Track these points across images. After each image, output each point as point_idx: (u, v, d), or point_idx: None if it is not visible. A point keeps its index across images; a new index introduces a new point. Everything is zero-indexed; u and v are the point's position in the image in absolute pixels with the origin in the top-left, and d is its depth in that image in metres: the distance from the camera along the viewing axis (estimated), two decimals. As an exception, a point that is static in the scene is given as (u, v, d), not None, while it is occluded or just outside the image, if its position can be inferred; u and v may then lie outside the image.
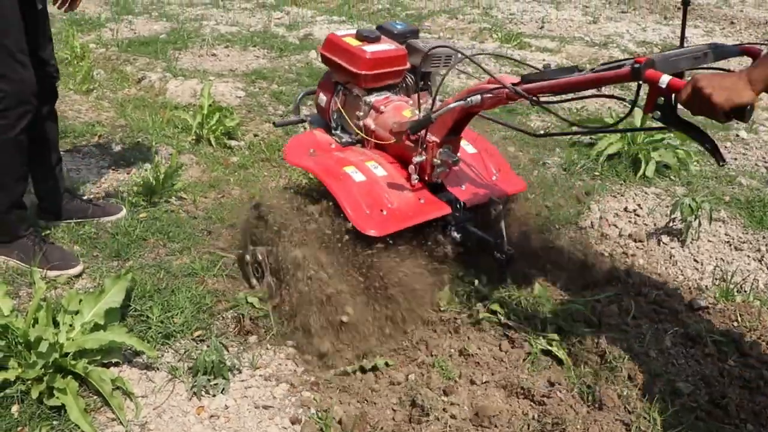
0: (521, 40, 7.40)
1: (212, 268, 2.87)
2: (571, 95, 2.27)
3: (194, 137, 4.29)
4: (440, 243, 2.66)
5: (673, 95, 1.88)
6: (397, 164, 2.75)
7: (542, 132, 4.58)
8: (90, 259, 2.95)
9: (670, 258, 3.18)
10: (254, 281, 2.77)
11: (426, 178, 2.66)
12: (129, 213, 3.30)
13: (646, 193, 3.76)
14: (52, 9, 2.88)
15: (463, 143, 2.85)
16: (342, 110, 2.98)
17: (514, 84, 2.30)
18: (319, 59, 3.30)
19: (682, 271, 3.09)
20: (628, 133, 4.06)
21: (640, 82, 1.95)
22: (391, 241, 2.52)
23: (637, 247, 3.24)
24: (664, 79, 1.87)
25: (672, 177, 4.00)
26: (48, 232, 3.09)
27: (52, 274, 2.77)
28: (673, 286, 2.94)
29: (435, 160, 2.60)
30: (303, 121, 3.23)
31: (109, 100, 5.06)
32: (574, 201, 3.63)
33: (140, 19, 7.95)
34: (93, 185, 3.65)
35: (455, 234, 2.68)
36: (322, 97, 3.05)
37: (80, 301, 2.38)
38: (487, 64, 6.27)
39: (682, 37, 2.07)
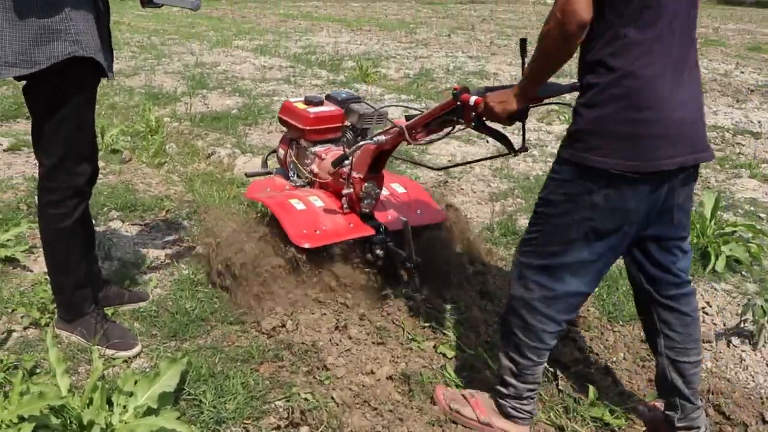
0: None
1: (266, 353, 2.86)
2: (441, 134, 2.83)
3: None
4: (367, 257, 3.31)
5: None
6: (335, 198, 3.39)
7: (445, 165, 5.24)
8: (149, 337, 2.98)
9: (741, 362, 3.03)
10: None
11: (357, 209, 3.29)
12: (189, 291, 3.34)
13: (715, 289, 3.63)
14: (132, 82, 2.98)
15: (395, 185, 3.59)
16: (295, 160, 3.72)
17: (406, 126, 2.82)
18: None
19: (753, 377, 2.94)
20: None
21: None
22: (324, 254, 3.19)
23: (705, 349, 3.10)
24: (472, 99, 2.47)
25: (743, 273, 3.85)
26: (111, 310, 3.15)
27: (110, 352, 2.81)
28: (743, 394, 2.79)
29: (361, 192, 3.21)
30: (270, 173, 3.96)
31: (179, 174, 5.20)
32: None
33: (214, 93, 8.23)
34: (157, 260, 3.72)
35: (378, 251, 3.28)
36: (281, 151, 3.84)
37: (135, 382, 2.38)
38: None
39: (523, 69, 2.26)
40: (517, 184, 5.19)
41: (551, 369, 2.80)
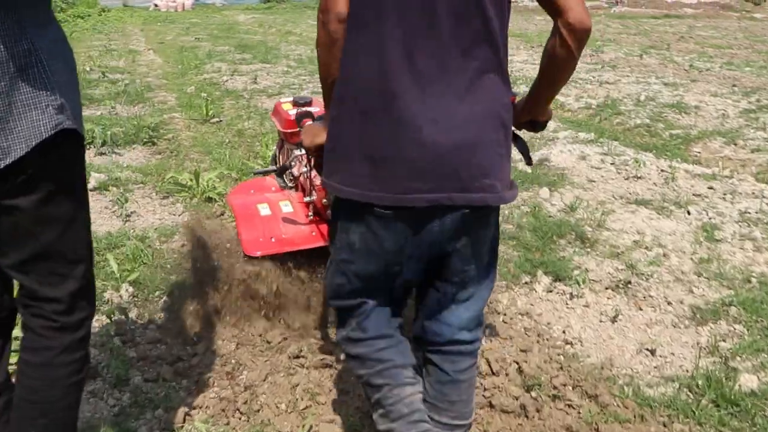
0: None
1: None
2: None
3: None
4: None
5: None
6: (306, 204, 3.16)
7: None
8: None
9: None
10: None
11: (324, 216, 3.05)
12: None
13: None
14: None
15: None
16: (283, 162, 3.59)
17: None
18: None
19: None
20: None
21: None
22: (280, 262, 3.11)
23: None
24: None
25: None
26: None
27: None
28: None
29: (324, 200, 2.97)
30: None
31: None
32: None
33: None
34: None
35: None
36: (275, 151, 3.79)
37: None
38: None
39: None
40: (734, 291, 3.66)
41: None
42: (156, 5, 26.36)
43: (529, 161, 2.15)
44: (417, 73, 1.70)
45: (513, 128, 1.97)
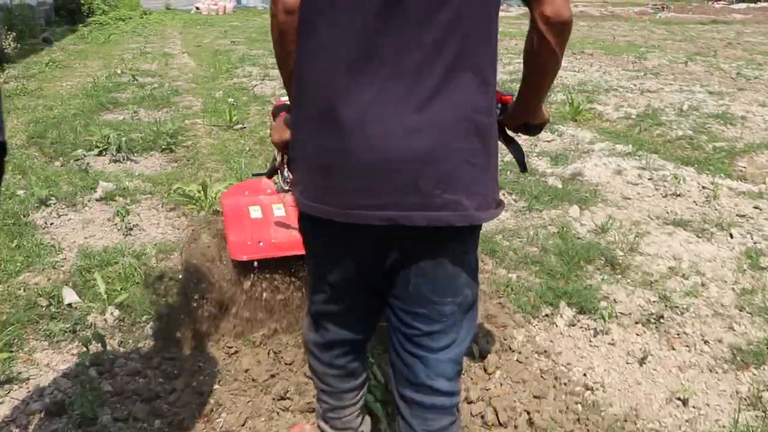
0: None
1: None
2: None
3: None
4: None
5: None
6: None
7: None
8: None
9: None
10: None
11: None
12: None
13: None
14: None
15: None
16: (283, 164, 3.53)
17: None
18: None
19: None
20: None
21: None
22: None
23: None
24: None
25: None
26: None
27: None
28: None
29: None
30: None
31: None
32: None
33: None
34: None
35: None
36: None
37: None
38: None
39: None
40: (779, 329, 3.27)
41: None
42: (198, 8, 26.42)
43: (523, 168, 1.93)
44: (373, 71, 1.47)
45: (509, 131, 1.88)
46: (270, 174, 2.83)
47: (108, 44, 15.66)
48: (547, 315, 3.37)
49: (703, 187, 5.25)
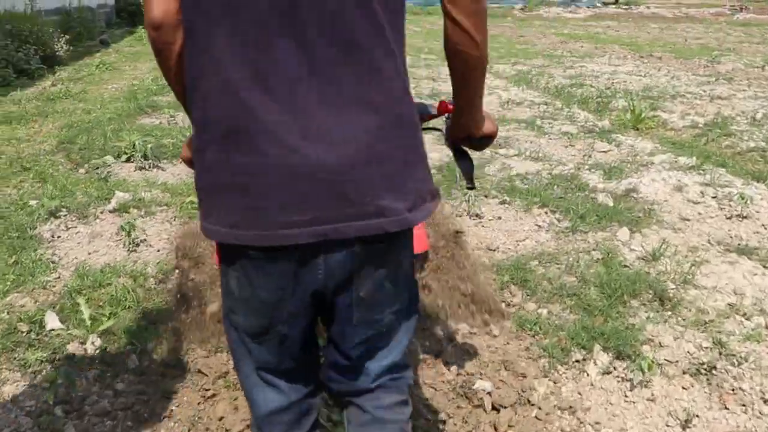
0: None
1: None
2: None
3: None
4: None
5: None
6: None
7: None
8: None
9: None
10: None
11: None
12: None
13: None
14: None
15: None
16: None
17: None
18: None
19: None
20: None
21: None
22: None
23: None
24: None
25: None
26: None
27: None
28: None
29: None
30: None
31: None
32: None
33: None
34: None
35: None
36: None
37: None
38: None
39: None
40: None
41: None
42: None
43: (471, 185, 1.80)
44: (281, 77, 1.33)
45: (458, 144, 1.75)
46: None
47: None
48: (577, 361, 2.92)
49: (774, 208, 4.69)
